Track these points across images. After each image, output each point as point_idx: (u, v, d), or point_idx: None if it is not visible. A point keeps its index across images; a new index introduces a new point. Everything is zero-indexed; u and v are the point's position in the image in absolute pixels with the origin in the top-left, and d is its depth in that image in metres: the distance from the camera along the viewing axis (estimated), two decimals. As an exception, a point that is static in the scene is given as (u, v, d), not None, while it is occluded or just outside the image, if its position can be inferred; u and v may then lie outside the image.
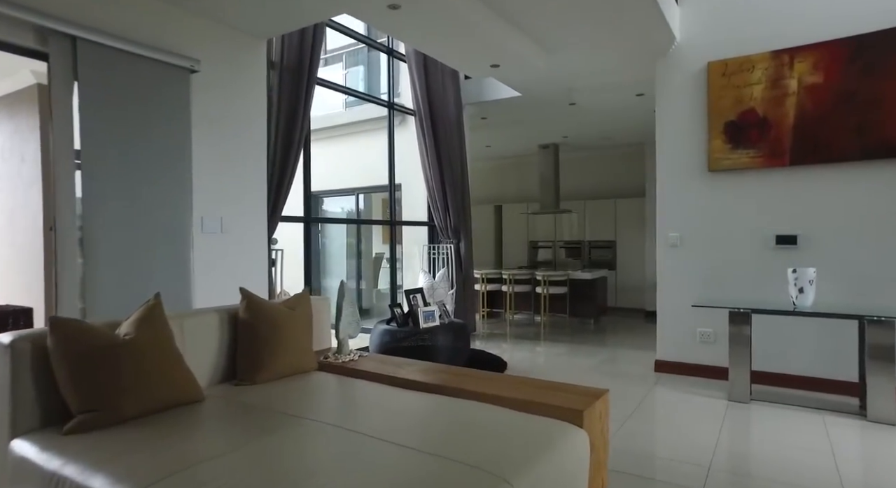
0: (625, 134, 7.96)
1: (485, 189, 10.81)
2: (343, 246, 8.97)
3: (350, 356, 2.76)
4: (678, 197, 4.45)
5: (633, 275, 8.81)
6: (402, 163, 6.49)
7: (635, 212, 8.80)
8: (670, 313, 4.52)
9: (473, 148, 8.66)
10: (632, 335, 6.77)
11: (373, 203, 8.54)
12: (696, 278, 4.39)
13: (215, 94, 3.65)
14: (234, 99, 3.79)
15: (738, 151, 4.12)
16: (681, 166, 4.44)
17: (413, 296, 4.91)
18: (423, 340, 4.56)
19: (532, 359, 5.30)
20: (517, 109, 6.66)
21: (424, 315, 4.68)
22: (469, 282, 6.51)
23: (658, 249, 4.57)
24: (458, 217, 6.32)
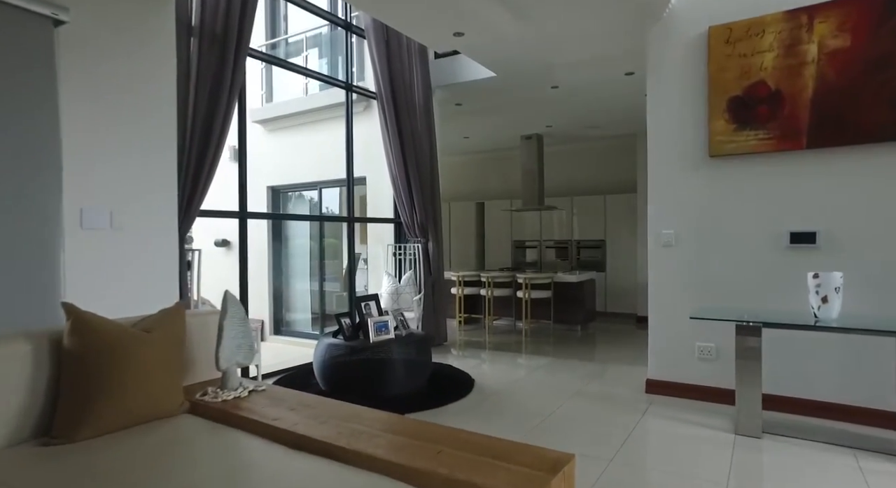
0: (614, 123, 7.29)
1: (465, 185, 10.12)
2: (325, 246, 8.26)
3: (237, 392, 2.06)
4: (673, 188, 3.78)
5: (624, 278, 8.14)
6: (368, 153, 5.78)
7: (626, 209, 8.14)
8: (664, 325, 3.84)
9: (450, 139, 7.98)
10: (621, 344, 6.09)
11: (344, 197, 7.81)
12: (694, 283, 3.71)
13: (98, 57, 2.93)
14: (127, 65, 3.07)
15: (744, 133, 3.45)
16: (676, 152, 3.76)
17: (365, 304, 4.22)
18: (375, 356, 3.87)
19: (506, 374, 4.61)
20: (494, 94, 5.97)
21: (376, 326, 3.99)
22: (440, 286, 5.81)
23: (649, 250, 3.90)
24: (425, 213, 5.63)
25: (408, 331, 4.25)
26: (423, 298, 5.65)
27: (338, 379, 3.91)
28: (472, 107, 6.50)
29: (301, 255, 7.78)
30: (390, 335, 4.04)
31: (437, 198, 5.80)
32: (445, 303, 5.89)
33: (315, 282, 7.68)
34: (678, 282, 3.76)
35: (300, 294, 7.75)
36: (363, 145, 6.06)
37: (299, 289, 7.73)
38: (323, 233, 7.40)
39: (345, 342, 3.95)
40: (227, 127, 3.75)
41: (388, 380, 3.89)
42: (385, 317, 4.10)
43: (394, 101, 5.41)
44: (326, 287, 7.70)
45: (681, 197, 3.74)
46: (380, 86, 5.38)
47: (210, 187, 3.73)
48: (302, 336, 7.32)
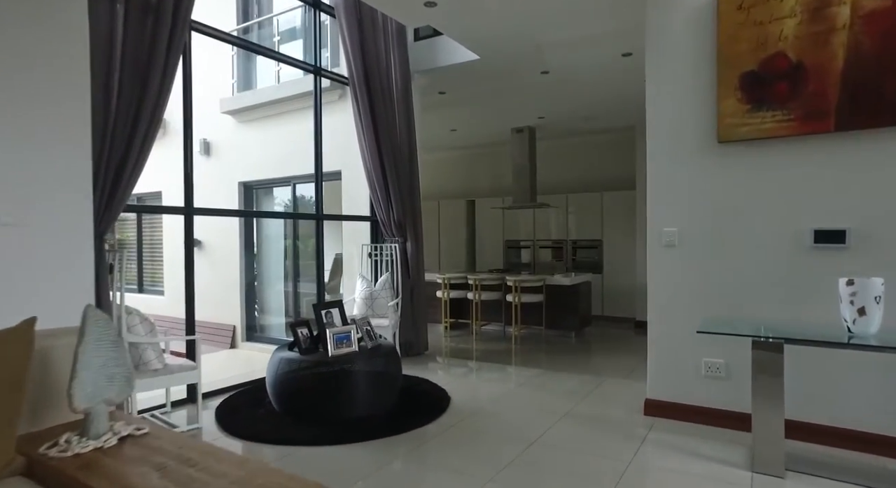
0: (611, 114, 6.79)
1: (455, 181, 9.63)
2: (302, 246, 7.75)
3: (103, 440, 1.55)
4: (675, 179, 3.27)
5: (622, 280, 7.65)
6: (344, 145, 5.27)
7: (625, 207, 7.64)
8: (665, 337, 3.33)
9: (435, 131, 7.48)
10: (618, 353, 5.59)
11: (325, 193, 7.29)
12: (700, 290, 3.20)
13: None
14: (28, 35, 2.57)
15: (759, 114, 2.94)
16: (679, 138, 3.26)
17: (326, 312, 3.71)
18: (335, 372, 3.36)
19: (489, 389, 4.10)
20: (479, 80, 5.47)
21: (336, 338, 3.48)
22: (420, 289, 5.30)
23: (649, 251, 3.39)
24: (403, 210, 5.12)
25: (375, 342, 3.75)
26: (401, 303, 5.15)
27: (292, 399, 3.41)
28: (457, 95, 5.99)
29: (277, 256, 7.28)
30: (353, 348, 3.54)
31: (416, 193, 5.29)
32: (426, 308, 5.39)
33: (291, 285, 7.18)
34: (682, 287, 3.26)
35: (275, 297, 7.25)
36: (339, 136, 5.56)
37: (274, 292, 7.22)
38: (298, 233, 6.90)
39: (300, 356, 3.45)
40: (159, 111, 3.25)
41: (351, 400, 3.39)
42: (348, 326, 3.59)
43: (367, 86, 4.90)
44: (302, 289, 7.20)
45: (685, 190, 3.24)
46: (352, 70, 4.88)
47: (138, 180, 3.21)
48: (276, 342, 6.81)
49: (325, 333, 3.46)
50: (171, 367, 3.15)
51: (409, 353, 5.24)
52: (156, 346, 3.14)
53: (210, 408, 3.64)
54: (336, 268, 7.67)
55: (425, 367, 4.87)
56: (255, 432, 3.17)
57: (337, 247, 7.84)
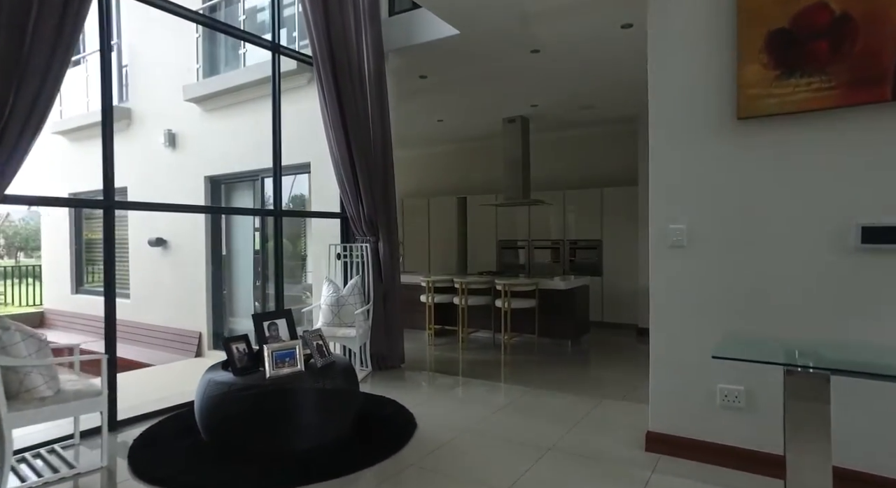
0: (611, 103, 6.20)
1: (446, 177, 9.06)
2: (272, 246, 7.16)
3: None
4: (683, 166, 2.68)
5: (624, 283, 7.05)
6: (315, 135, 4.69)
7: (626, 204, 7.04)
8: (671, 357, 2.74)
9: (420, 122, 6.92)
10: (619, 365, 5.01)
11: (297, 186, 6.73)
12: (715, 299, 2.61)
13: None
14: None
15: (790, 81, 2.35)
16: (688, 115, 2.67)
17: (270, 324, 3.15)
18: (274, 396, 2.79)
19: (465, 412, 3.52)
20: (463, 62, 4.88)
21: (276, 355, 2.91)
22: (394, 295, 4.72)
23: (651, 252, 2.80)
24: (374, 206, 4.55)
25: (327, 359, 3.17)
26: (373, 311, 4.57)
27: (222, 429, 2.84)
28: (440, 79, 5.41)
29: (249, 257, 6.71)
30: (297, 367, 2.96)
31: (390, 188, 4.71)
32: (401, 316, 4.80)
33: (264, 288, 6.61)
34: (691, 296, 2.66)
35: (247, 302, 6.68)
36: (308, 125, 5.00)
37: (246, 295, 6.65)
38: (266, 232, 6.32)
39: (233, 377, 2.87)
40: (53, 88, 2.68)
41: (293, 429, 2.82)
42: (292, 342, 3.01)
43: (333, 64, 4.33)
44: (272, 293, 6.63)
45: (695, 178, 2.65)
46: (315, 47, 4.30)
47: (21, 168, 2.64)
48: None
49: (263, 350, 2.88)
50: (65, 394, 2.57)
51: (381, 367, 4.66)
52: (47, 369, 2.56)
53: (131, 438, 3.06)
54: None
55: (397, 384, 4.28)
56: (168, 473, 2.59)
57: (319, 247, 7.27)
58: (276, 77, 4.34)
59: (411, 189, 9.51)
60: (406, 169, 9.55)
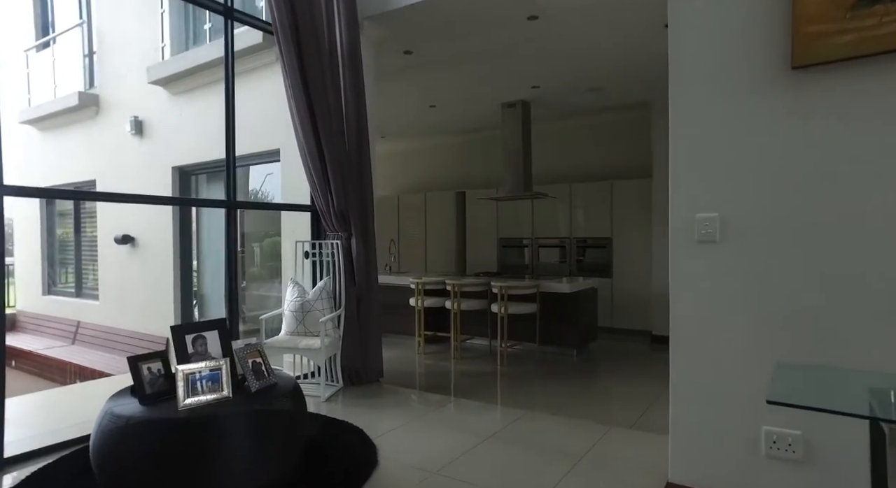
0: (621, 85, 5.54)
1: (444, 171, 8.45)
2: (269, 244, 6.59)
3: None
4: (715, 137, 2.03)
5: (636, 285, 6.40)
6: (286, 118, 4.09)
7: (639, 199, 6.38)
8: (698, 386, 2.09)
9: (411, 109, 6.31)
10: (631, 379, 4.36)
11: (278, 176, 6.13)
12: (759, 312, 1.96)
13: None
14: None
15: (875, 8, 1.70)
16: (721, 67, 2.01)
17: (196, 338, 2.55)
18: (189, 431, 2.19)
19: (441, 444, 2.90)
20: (452, 33, 4.27)
21: (194, 379, 2.30)
22: (370, 300, 4.11)
23: (672, 250, 2.15)
24: (345, 198, 3.94)
25: (266, 381, 2.56)
26: (344, 317, 3.96)
27: (121, 474, 2.23)
28: (427, 56, 4.79)
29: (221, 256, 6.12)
30: (222, 392, 2.35)
31: (366, 176, 4.10)
32: (378, 324, 4.19)
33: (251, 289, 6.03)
34: (726, 307, 2.02)
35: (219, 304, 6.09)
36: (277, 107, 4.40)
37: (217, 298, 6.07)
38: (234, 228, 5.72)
39: (138, 407, 2.28)
40: None
41: (217, 472, 2.21)
42: (217, 362, 2.40)
43: (296, 33, 3.72)
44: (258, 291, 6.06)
45: (730, 152, 2.00)
46: (273, 10, 3.70)
47: None
48: (216, 359, 5.69)
49: (176, 374, 2.28)
50: None
51: (354, 383, 4.05)
52: None
53: (18, 481, 2.48)
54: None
55: (368, 404, 3.67)
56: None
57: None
58: (228, 47, 3.74)
59: (407, 184, 8.91)
60: (400, 163, 8.97)
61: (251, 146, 5.02)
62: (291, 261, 4.26)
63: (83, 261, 7.38)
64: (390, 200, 8.61)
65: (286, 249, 4.44)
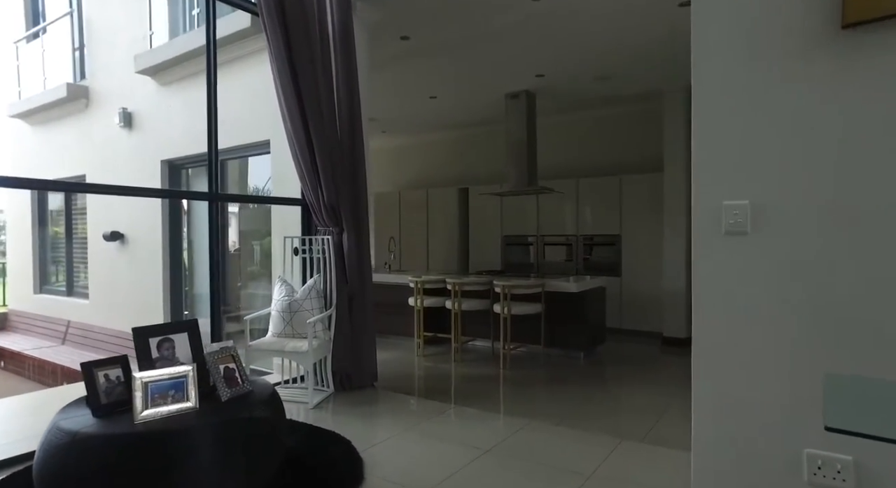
0: (632, 74, 5.24)
1: (445, 167, 8.19)
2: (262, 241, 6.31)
3: None
4: (748, 111, 1.75)
5: (646, 284, 6.11)
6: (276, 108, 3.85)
7: (649, 194, 6.10)
8: (725, 399, 1.82)
9: (411, 100, 6.06)
10: (642, 384, 4.09)
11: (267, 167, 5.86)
12: (800, 314, 1.68)
13: None
14: None
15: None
16: (754, 27, 1.74)
17: (162, 341, 2.31)
18: (143, 448, 1.95)
19: (435, 457, 2.64)
20: (451, 17, 4.00)
21: (154, 389, 2.05)
22: (363, 298, 3.85)
23: (696, 243, 1.88)
24: (336, 191, 3.69)
25: (239, 389, 2.31)
26: (335, 318, 3.71)
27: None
28: (426, 41, 4.52)
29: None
30: (187, 403, 2.11)
31: (360, 168, 3.84)
32: (371, 325, 3.93)
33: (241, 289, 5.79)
34: (759, 308, 1.74)
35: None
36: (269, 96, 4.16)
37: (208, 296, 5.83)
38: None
39: (91, 420, 2.03)
40: None
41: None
42: (178, 368, 2.15)
43: (282, 14, 3.47)
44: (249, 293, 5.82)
45: (766, 128, 1.72)
46: (259, -11, 3.45)
47: None
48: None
49: (133, 383, 2.03)
50: None
51: (346, 388, 3.80)
52: None
53: (-31, 496, 2.24)
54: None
55: (359, 412, 3.41)
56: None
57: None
58: (210, 30, 3.49)
59: (408, 180, 8.66)
60: (402, 158, 8.72)
61: (241, 137, 4.79)
62: (281, 258, 4.01)
63: (74, 259, 7.17)
64: (391, 197, 8.36)
65: (276, 246, 4.19)
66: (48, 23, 7.19)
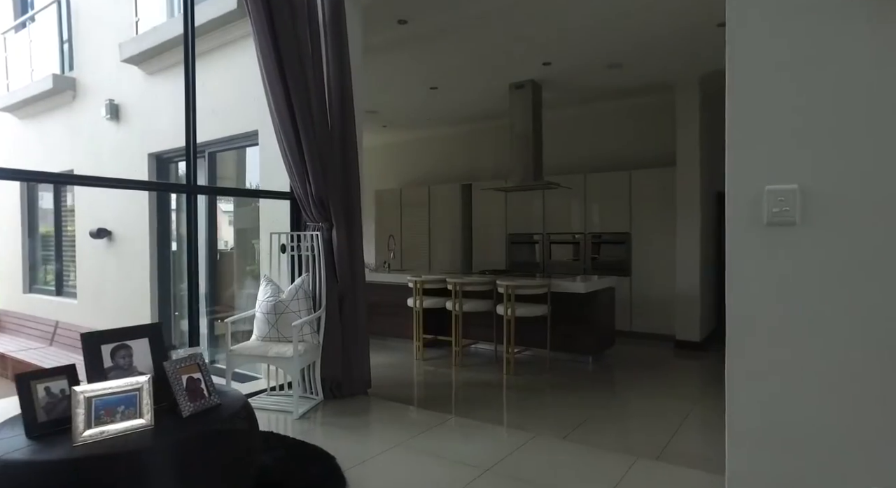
0: (643, 62, 4.94)
1: (448, 163, 7.92)
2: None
3: None
4: (797, 71, 1.45)
5: (657, 285, 5.82)
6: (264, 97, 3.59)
7: (661, 190, 5.80)
8: (770, 430, 1.52)
9: (411, 91, 5.79)
10: (653, 392, 3.79)
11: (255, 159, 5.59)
12: (867, 328, 1.38)
13: None
14: None
15: None
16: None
17: (117, 348, 2.05)
18: (89, 475, 1.68)
19: (428, 478, 2.36)
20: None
21: (100, 404, 1.79)
22: (355, 298, 3.58)
23: (730, 237, 1.58)
24: (325, 183, 3.41)
25: (205, 403, 2.03)
26: (325, 320, 3.43)
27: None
28: (424, 25, 4.24)
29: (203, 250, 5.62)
30: (139, 420, 1.84)
31: (351, 159, 3.57)
32: (365, 326, 3.66)
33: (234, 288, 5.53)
34: (816, 317, 1.45)
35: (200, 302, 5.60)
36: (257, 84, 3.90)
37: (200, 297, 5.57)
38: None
39: (24, 441, 1.76)
40: None
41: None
42: (133, 380, 1.88)
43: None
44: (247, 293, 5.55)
45: (821, 92, 1.43)
46: (241, -37, 3.19)
47: None
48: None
49: (73, 398, 1.76)
50: None
51: (336, 396, 3.52)
52: None
53: None
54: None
55: (348, 423, 3.14)
56: None
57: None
58: (188, 10, 3.23)
59: (410, 176, 8.39)
60: (404, 154, 8.44)
61: (230, 127, 4.53)
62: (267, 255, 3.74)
63: (64, 258, 6.93)
64: (392, 194, 8.10)
65: (264, 242, 3.92)
66: (35, 11, 6.96)
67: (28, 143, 7.06)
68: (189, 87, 3.25)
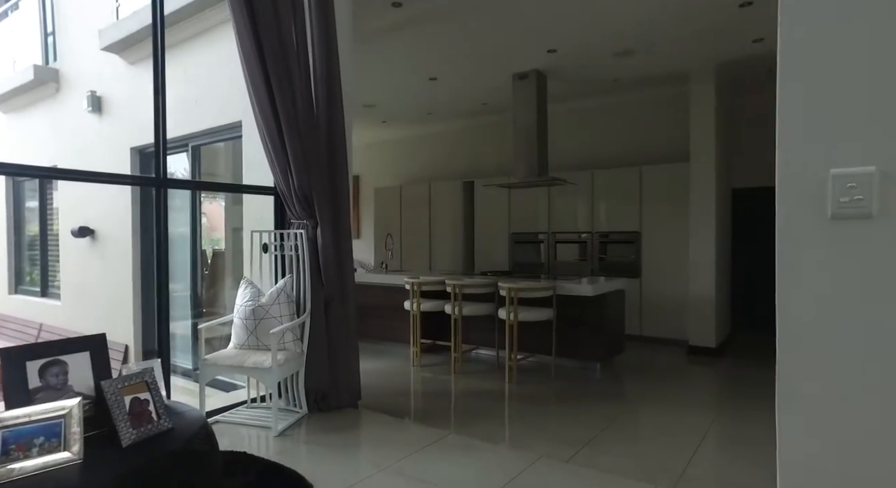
0: (655, 48, 4.61)
1: (450, 160, 7.61)
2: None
3: None
4: (869, 30, 1.14)
5: (669, 287, 5.49)
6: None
7: (673, 186, 5.48)
8: (831, 467, 1.21)
9: (409, 82, 5.49)
10: (666, 403, 3.47)
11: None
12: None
13: None
14: None
15: None
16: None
17: (49, 366, 1.76)
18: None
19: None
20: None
21: (12, 436, 1.48)
22: (343, 303, 3.28)
23: (781, 232, 1.26)
24: (308, 177, 3.11)
25: (146, 429, 1.73)
26: (309, 326, 3.13)
27: None
28: (421, 6, 3.93)
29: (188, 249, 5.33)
30: (64, 453, 1.54)
31: (339, 152, 3.27)
32: (355, 333, 3.36)
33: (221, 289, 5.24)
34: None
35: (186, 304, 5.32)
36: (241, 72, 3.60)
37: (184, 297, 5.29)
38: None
39: (-69, 477, 1.47)
40: None
41: None
42: (56, 405, 1.59)
43: (244, -37, 2.91)
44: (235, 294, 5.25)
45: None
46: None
47: None
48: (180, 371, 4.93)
49: (-16, 425, 1.46)
50: None
51: (322, 409, 3.22)
52: None
53: None
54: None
55: (331, 441, 2.83)
56: None
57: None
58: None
59: (410, 173, 8.09)
60: (404, 150, 8.13)
61: (213, 119, 4.24)
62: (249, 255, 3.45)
63: (49, 258, 6.67)
64: (392, 192, 7.80)
65: (245, 241, 3.63)
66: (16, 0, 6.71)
67: (12, 137, 6.80)
68: (158, 73, 2.96)
